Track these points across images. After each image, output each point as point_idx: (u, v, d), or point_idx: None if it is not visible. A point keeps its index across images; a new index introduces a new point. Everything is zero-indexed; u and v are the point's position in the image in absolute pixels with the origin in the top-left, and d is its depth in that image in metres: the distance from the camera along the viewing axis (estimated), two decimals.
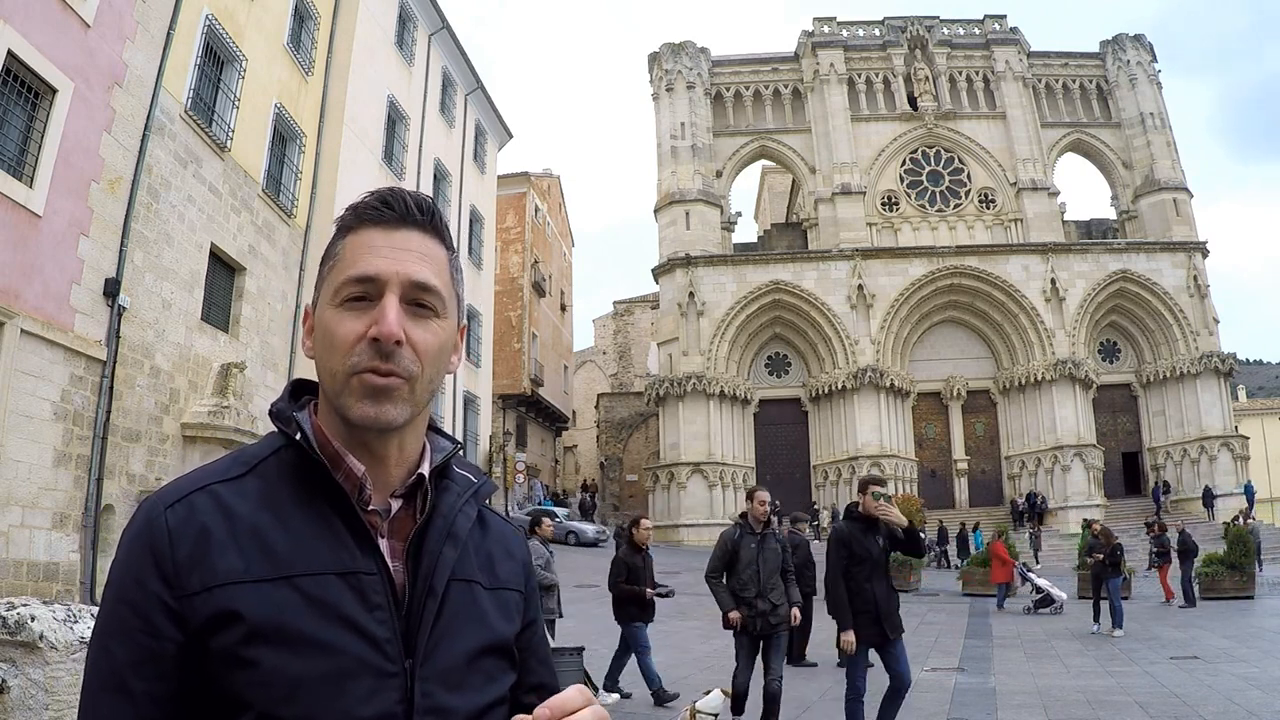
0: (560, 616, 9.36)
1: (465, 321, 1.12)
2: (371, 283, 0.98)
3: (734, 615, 6.48)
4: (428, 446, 1.07)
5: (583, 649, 7.19)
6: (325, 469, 0.97)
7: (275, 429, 1.02)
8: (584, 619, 14.10)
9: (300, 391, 1.08)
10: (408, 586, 0.97)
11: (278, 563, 0.91)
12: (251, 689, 0.87)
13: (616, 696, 8.51)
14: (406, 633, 0.95)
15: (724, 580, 6.78)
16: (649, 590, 8.53)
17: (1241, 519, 24.31)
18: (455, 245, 1.11)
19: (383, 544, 0.97)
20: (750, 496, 6.94)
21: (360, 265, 0.99)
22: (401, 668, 0.92)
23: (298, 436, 0.98)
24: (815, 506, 32.76)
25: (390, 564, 0.97)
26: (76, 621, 3.20)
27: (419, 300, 1.00)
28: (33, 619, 3.06)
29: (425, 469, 1.03)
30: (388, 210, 1.02)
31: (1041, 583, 17.32)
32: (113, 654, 0.89)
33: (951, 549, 28.21)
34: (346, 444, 0.99)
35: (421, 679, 0.93)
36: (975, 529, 28.34)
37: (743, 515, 6.89)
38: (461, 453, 1.12)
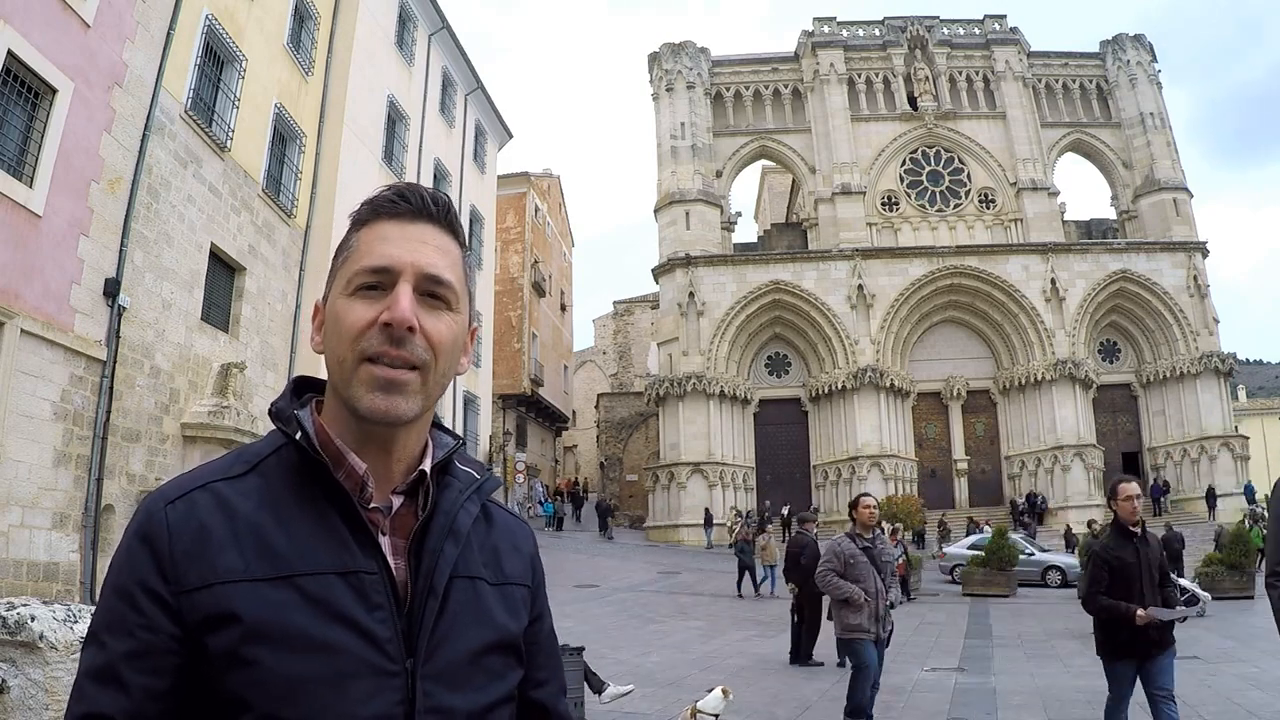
0: (875, 638, 6.58)
1: (476, 324, 1.12)
2: (385, 273, 0.97)
3: None
4: (430, 442, 1.06)
5: (583, 649, 7.19)
6: (326, 468, 0.96)
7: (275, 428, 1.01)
8: (583, 619, 14.11)
9: (303, 389, 1.07)
10: (410, 585, 0.97)
11: (278, 562, 0.91)
12: (251, 689, 0.86)
13: (631, 688, 8.16)
14: (408, 632, 0.94)
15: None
16: (1164, 612, 4.89)
17: (1246, 521, 24.21)
18: (468, 243, 1.11)
19: (384, 541, 0.97)
20: None
21: (374, 256, 0.98)
22: (402, 667, 0.92)
23: (298, 436, 0.97)
24: (814, 508, 32.74)
25: (392, 562, 0.96)
26: (76, 621, 3.20)
27: (432, 292, 0.99)
28: (33, 619, 3.06)
29: (427, 465, 1.03)
30: (404, 203, 1.02)
31: (1184, 582, 14.73)
32: (108, 647, 0.89)
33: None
34: (351, 439, 0.98)
35: (423, 678, 0.93)
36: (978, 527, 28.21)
37: None
38: (464, 448, 1.11)
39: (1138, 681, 5.04)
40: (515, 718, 1.06)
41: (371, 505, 0.98)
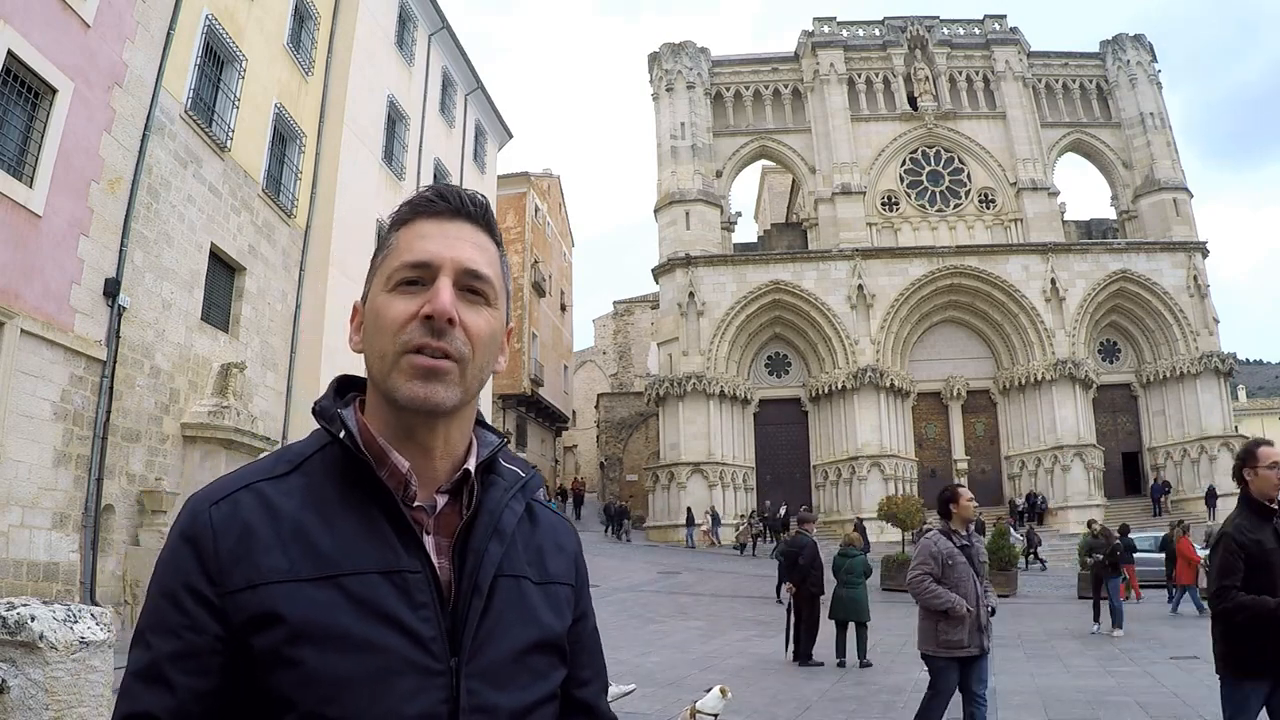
0: (985, 652, 5.80)
1: (511, 324, 1.12)
2: (426, 268, 0.99)
3: None
4: (474, 441, 1.06)
5: None
6: (370, 467, 0.96)
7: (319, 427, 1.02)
8: None
9: (345, 389, 1.08)
10: (454, 584, 0.97)
11: (321, 562, 0.91)
12: (296, 688, 0.87)
13: (633, 687, 8.27)
14: (453, 631, 0.95)
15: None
16: None
17: None
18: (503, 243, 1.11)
19: (428, 541, 0.97)
20: None
21: (414, 251, 1.00)
22: (447, 666, 0.93)
23: (341, 435, 0.98)
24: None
25: (436, 561, 0.96)
26: (76, 621, 3.19)
27: (471, 287, 1.00)
28: (33, 619, 3.05)
29: (471, 464, 1.03)
30: (442, 202, 1.03)
31: None
32: (154, 647, 0.90)
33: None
34: (393, 436, 0.99)
35: (467, 677, 0.93)
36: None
37: None
38: (509, 447, 1.11)
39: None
40: (558, 717, 1.07)
41: (415, 504, 0.98)
